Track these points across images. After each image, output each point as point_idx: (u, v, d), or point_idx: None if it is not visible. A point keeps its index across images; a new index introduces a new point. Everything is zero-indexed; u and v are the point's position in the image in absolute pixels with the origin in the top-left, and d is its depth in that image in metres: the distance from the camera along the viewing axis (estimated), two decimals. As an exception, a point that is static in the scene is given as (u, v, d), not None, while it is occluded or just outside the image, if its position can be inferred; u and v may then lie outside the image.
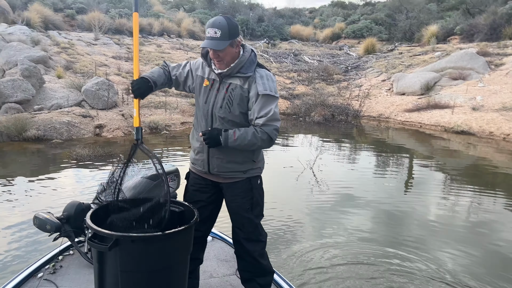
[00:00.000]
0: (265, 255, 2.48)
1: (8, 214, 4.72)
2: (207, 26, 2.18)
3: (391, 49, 18.64)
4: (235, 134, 2.18)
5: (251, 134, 2.18)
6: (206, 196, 2.44)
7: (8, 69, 10.18)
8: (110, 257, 1.95)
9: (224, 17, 2.18)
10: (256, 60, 2.31)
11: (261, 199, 2.45)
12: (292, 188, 5.97)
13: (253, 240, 2.41)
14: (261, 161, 2.46)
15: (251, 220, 2.38)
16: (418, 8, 21.58)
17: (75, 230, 2.63)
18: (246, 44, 2.32)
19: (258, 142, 2.20)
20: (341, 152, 8.34)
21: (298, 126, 10.83)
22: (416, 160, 7.98)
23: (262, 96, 2.20)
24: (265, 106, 2.21)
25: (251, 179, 2.38)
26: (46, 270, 2.68)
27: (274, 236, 4.34)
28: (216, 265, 2.92)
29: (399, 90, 12.78)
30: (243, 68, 2.24)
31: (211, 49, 2.19)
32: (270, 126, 2.21)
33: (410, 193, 5.91)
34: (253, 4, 27.66)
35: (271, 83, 2.25)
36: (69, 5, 18.87)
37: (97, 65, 12.08)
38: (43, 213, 2.61)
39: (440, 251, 4.08)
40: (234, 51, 2.22)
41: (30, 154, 7.34)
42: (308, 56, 18.56)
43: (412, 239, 4.35)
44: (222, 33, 2.13)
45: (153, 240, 1.98)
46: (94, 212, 2.14)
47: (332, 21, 26.00)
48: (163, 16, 20.39)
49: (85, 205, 2.69)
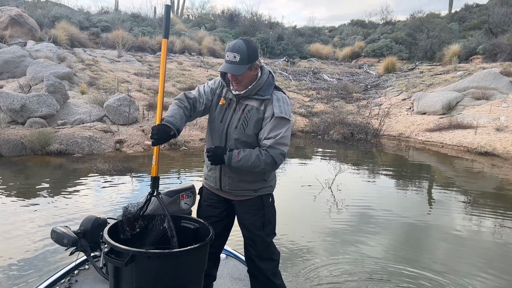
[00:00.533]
0: (278, 274, 2.47)
1: (28, 226, 4.78)
2: (226, 50, 2.20)
3: (411, 68, 18.49)
4: (239, 155, 2.17)
5: (255, 156, 2.17)
6: (218, 212, 2.46)
7: (35, 85, 10.49)
8: (126, 273, 1.96)
9: (244, 40, 2.20)
10: (273, 82, 2.32)
11: (273, 217, 2.44)
12: (310, 207, 5.89)
13: (265, 259, 2.41)
14: (272, 180, 2.46)
15: (263, 238, 2.39)
16: (440, 27, 21.43)
17: (91, 244, 2.64)
18: (264, 65, 2.37)
19: (262, 165, 2.18)
20: (360, 171, 8.22)
21: (317, 144, 10.76)
22: (437, 180, 7.80)
23: (276, 118, 2.20)
24: (276, 128, 2.21)
25: (263, 197, 2.39)
26: (62, 284, 2.69)
27: (287, 255, 4.26)
28: (230, 284, 2.90)
29: (420, 109, 12.61)
30: (261, 90, 2.26)
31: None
32: (277, 149, 2.19)
33: (430, 215, 5.75)
34: (273, 23, 27.99)
35: (286, 107, 2.26)
36: (95, 24, 19.44)
37: (119, 82, 12.35)
38: (61, 227, 2.61)
39: (463, 273, 3.93)
40: (253, 74, 2.24)
41: (52, 167, 7.48)
42: (327, 74, 18.57)
43: (434, 260, 4.21)
44: (241, 57, 2.14)
45: (169, 257, 1.99)
46: (112, 227, 2.15)
47: (351, 40, 26.03)
48: (185, 34, 20.80)
49: (101, 220, 2.69)
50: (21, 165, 7.47)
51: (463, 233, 5.06)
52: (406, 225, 5.29)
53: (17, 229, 4.70)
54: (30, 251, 4.18)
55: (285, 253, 4.33)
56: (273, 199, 2.46)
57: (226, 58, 2.18)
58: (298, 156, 9.53)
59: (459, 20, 24.65)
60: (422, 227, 5.24)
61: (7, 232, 4.62)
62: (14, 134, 8.18)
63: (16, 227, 4.76)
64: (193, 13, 32.28)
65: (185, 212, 2.59)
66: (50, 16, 17.82)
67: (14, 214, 5.12)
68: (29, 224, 4.84)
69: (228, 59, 2.17)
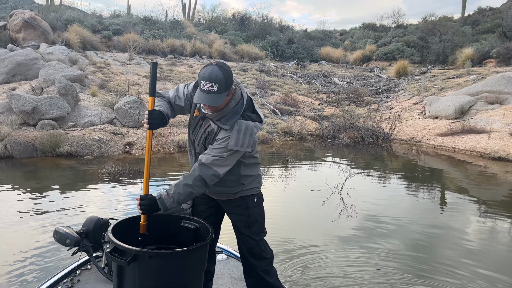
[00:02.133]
0: (272, 272, 2.51)
1: (36, 226, 4.80)
2: (201, 78, 2.07)
3: (423, 72, 18.29)
4: (169, 196, 2.18)
5: (183, 186, 2.17)
6: (205, 207, 2.53)
7: (47, 87, 10.60)
8: (129, 272, 2.03)
9: (219, 67, 2.08)
10: (241, 110, 2.19)
11: (259, 216, 2.47)
12: (319, 212, 5.82)
13: (256, 256, 2.46)
14: (253, 182, 2.44)
15: (250, 237, 2.43)
16: (452, 31, 21.17)
17: (93, 245, 2.67)
18: (239, 86, 2.24)
19: (194, 190, 2.18)
20: (370, 176, 8.12)
21: (327, 148, 10.68)
22: (449, 186, 7.66)
23: (227, 148, 2.14)
24: (221, 150, 2.15)
25: (246, 198, 2.41)
26: (64, 284, 2.72)
27: (295, 259, 4.20)
28: (231, 284, 2.92)
29: (432, 114, 12.44)
30: (223, 118, 2.17)
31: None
32: (210, 169, 2.15)
33: (442, 222, 5.63)
34: (284, 26, 27.96)
35: (246, 138, 2.15)
36: (107, 27, 19.61)
37: (130, 84, 12.41)
38: (63, 227, 2.65)
39: (473, 279, 3.83)
40: (227, 99, 2.15)
41: (62, 169, 7.53)
42: (338, 78, 18.46)
43: (444, 267, 4.11)
44: (219, 86, 2.04)
45: (170, 257, 2.05)
46: (115, 226, 2.21)
47: (362, 43, 25.88)
48: (195, 37, 20.88)
49: (103, 220, 2.73)
50: (31, 167, 7.52)
51: (475, 241, 4.95)
52: (416, 231, 5.18)
53: (24, 229, 4.72)
54: (36, 251, 4.20)
55: (292, 258, 4.27)
56: (260, 198, 2.49)
57: (202, 87, 2.06)
58: (307, 160, 9.46)
59: (472, 24, 24.33)
60: (433, 234, 5.13)
61: (13, 232, 4.64)
62: (26, 136, 8.25)
63: (23, 227, 4.78)
64: (204, 17, 32.47)
65: (185, 211, 2.62)
66: (63, 19, 18.03)
67: (22, 214, 5.14)
68: (36, 224, 4.85)
69: (205, 89, 2.05)
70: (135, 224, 2.35)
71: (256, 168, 2.47)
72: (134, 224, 2.35)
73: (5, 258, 4.07)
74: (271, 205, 6.05)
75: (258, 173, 2.49)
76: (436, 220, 5.67)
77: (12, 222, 4.95)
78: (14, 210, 5.33)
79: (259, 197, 2.49)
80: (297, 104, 13.84)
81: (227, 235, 2.65)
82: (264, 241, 2.50)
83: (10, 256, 4.12)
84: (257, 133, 2.25)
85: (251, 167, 2.41)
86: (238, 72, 16.69)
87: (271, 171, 8.28)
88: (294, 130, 11.49)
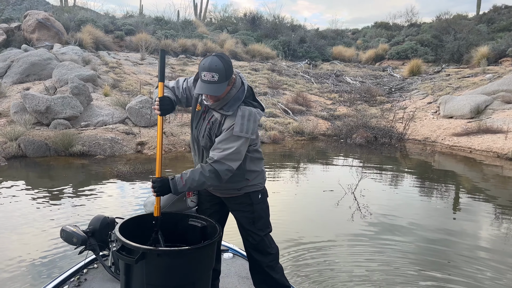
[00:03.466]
0: (277, 268, 2.50)
1: (46, 225, 4.81)
2: (202, 69, 2.11)
3: (437, 71, 18.02)
4: (183, 179, 2.19)
5: (198, 174, 2.18)
6: (210, 205, 2.53)
7: (60, 87, 10.69)
8: (136, 270, 2.03)
9: (219, 57, 2.11)
10: (242, 96, 2.24)
11: (264, 212, 2.47)
12: (332, 213, 5.73)
13: (260, 252, 2.46)
14: (256, 179, 2.44)
15: (255, 233, 2.43)
16: (467, 29, 20.82)
17: (99, 243, 2.68)
18: (239, 75, 2.28)
19: (208, 181, 2.19)
20: (384, 176, 8.00)
21: (339, 148, 10.56)
22: (464, 187, 7.50)
23: (233, 135, 2.16)
24: (229, 142, 2.16)
25: (250, 194, 2.41)
26: (71, 283, 2.73)
27: (306, 260, 4.13)
28: (237, 282, 2.92)
29: (447, 113, 12.22)
30: (226, 106, 2.21)
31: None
32: (224, 165, 2.16)
33: (456, 224, 5.49)
34: (295, 26, 27.81)
35: (250, 124, 2.18)
36: (119, 27, 19.74)
37: (141, 84, 12.45)
38: (70, 226, 2.66)
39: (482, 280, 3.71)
40: (229, 88, 2.20)
41: (74, 168, 7.56)
42: (350, 77, 18.29)
43: (459, 273, 4.00)
44: (220, 76, 2.08)
45: (178, 255, 2.05)
46: (123, 224, 2.22)
47: (375, 42, 25.61)
48: (207, 37, 20.89)
49: (109, 219, 2.74)
50: (44, 166, 7.57)
51: (489, 244, 4.81)
52: (430, 234, 5.06)
53: (36, 227, 4.73)
54: (44, 249, 4.21)
55: (304, 258, 4.20)
56: (264, 194, 2.48)
57: (203, 78, 2.10)
58: (319, 160, 9.36)
59: (488, 22, 23.89)
60: (447, 237, 5.00)
61: (25, 230, 4.65)
62: (39, 135, 8.31)
63: (35, 225, 4.79)
64: (215, 16, 32.47)
65: (191, 209, 2.61)
66: (76, 20, 18.20)
67: (33, 213, 5.16)
68: (47, 223, 4.86)
69: (206, 79, 2.09)
70: (142, 222, 2.35)
71: (260, 163, 2.47)
72: (141, 223, 2.35)
73: (16, 255, 4.08)
74: (283, 205, 5.99)
75: (262, 169, 2.49)
76: (450, 221, 5.54)
77: (24, 220, 4.97)
78: (26, 209, 5.35)
79: (263, 193, 2.49)
80: (309, 104, 13.74)
81: (233, 234, 2.61)
82: (269, 236, 2.50)
83: (21, 253, 4.13)
84: (260, 119, 2.27)
85: (255, 162, 2.41)
86: (249, 72, 16.65)
87: (283, 171, 8.21)
88: (306, 130, 11.39)
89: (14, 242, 4.46)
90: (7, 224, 4.87)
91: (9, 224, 4.87)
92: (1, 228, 4.75)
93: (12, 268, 3.87)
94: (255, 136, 2.38)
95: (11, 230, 4.71)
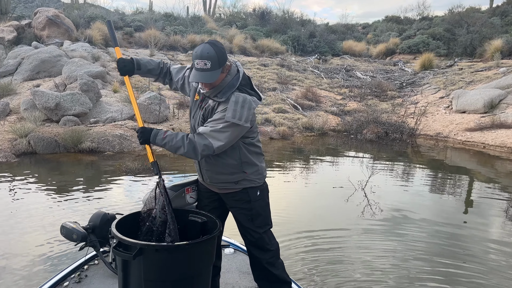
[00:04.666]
0: (277, 264, 2.48)
1: (53, 221, 4.81)
2: (194, 57, 2.13)
3: (450, 65, 17.70)
4: (165, 134, 2.19)
5: (180, 138, 2.16)
6: (208, 201, 2.51)
7: (70, 84, 10.72)
8: (134, 266, 2.01)
9: (211, 44, 2.14)
10: (236, 83, 2.22)
11: (262, 210, 2.42)
12: (341, 210, 5.64)
13: (259, 248, 2.44)
14: (255, 173, 2.39)
15: (253, 230, 2.40)
16: (480, 22, 20.41)
17: (100, 240, 2.68)
18: (233, 62, 2.29)
19: (184, 149, 2.16)
20: (395, 172, 7.87)
21: (349, 144, 10.43)
22: (478, 183, 7.34)
23: (225, 121, 2.13)
24: (218, 121, 2.15)
25: (248, 190, 2.36)
26: (72, 279, 2.73)
27: (315, 258, 4.06)
28: (238, 278, 2.91)
29: (459, 108, 12.00)
30: (220, 93, 2.21)
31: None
32: (204, 139, 2.15)
33: (469, 222, 5.37)
34: (305, 20, 27.56)
35: (244, 111, 2.15)
36: (128, 23, 19.75)
37: (150, 80, 12.43)
38: (70, 223, 2.66)
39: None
40: (223, 75, 2.20)
41: (84, 165, 7.58)
42: (361, 71, 18.08)
43: (472, 272, 3.89)
44: (212, 63, 2.09)
45: (176, 250, 2.03)
46: (119, 221, 2.20)
47: (386, 36, 25.27)
48: (216, 32, 20.81)
49: (110, 215, 2.73)
50: (54, 163, 7.60)
51: (503, 242, 4.69)
52: (442, 232, 4.94)
53: (44, 222, 4.74)
54: (47, 245, 4.21)
55: (312, 256, 4.13)
56: (263, 191, 2.44)
57: (196, 66, 2.12)
58: (329, 156, 9.25)
59: (501, 15, 23.38)
60: (460, 235, 4.89)
61: (33, 226, 4.66)
62: (49, 132, 8.35)
63: (43, 221, 4.79)
64: (224, 12, 32.33)
65: (191, 206, 2.59)
66: (86, 17, 18.25)
67: (42, 209, 5.17)
68: (55, 220, 4.86)
69: (199, 67, 2.11)
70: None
71: (259, 157, 2.43)
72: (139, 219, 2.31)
73: (23, 251, 4.09)
74: (291, 200, 5.92)
75: (261, 164, 2.45)
76: (463, 220, 5.41)
77: (32, 216, 4.98)
78: (35, 205, 5.37)
79: (263, 189, 2.44)
80: (319, 99, 13.60)
81: (235, 229, 2.59)
82: (269, 233, 2.47)
83: (28, 249, 4.14)
84: (255, 108, 2.24)
85: (253, 155, 2.37)
86: (258, 67, 16.55)
87: (292, 167, 8.14)
88: (316, 125, 11.28)
89: (23, 237, 4.46)
90: (15, 220, 4.88)
91: (17, 220, 4.88)
92: (9, 224, 4.77)
93: (18, 264, 3.87)
94: (254, 130, 2.36)
95: (20, 227, 4.72)
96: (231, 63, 2.24)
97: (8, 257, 4.02)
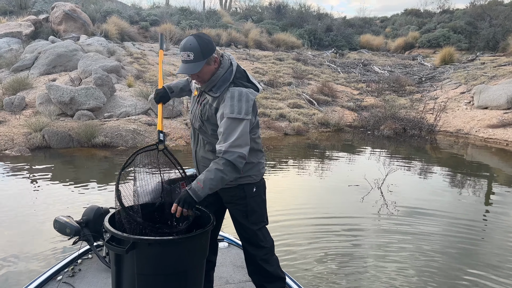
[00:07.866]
0: (271, 261, 2.46)
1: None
2: (180, 50, 2.20)
3: (471, 59, 17.19)
4: (200, 183, 2.11)
5: (214, 171, 2.11)
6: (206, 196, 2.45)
7: (85, 78, 10.75)
8: (127, 260, 2.01)
9: (195, 36, 2.16)
10: (230, 77, 2.22)
11: (258, 206, 2.40)
12: (356, 209, 5.47)
13: (253, 245, 2.42)
14: (252, 170, 2.36)
15: (248, 226, 2.39)
16: (504, 15, 19.77)
17: (94, 234, 2.68)
18: (226, 55, 2.29)
19: (226, 175, 2.11)
20: (413, 170, 7.63)
21: (366, 140, 10.20)
22: (499, 183, 7.05)
23: (227, 119, 2.12)
24: (228, 130, 2.12)
25: (244, 187, 2.35)
26: (65, 273, 2.73)
27: (330, 257, 3.91)
28: (232, 271, 2.92)
29: (481, 104, 11.61)
30: (214, 87, 2.22)
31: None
32: (233, 153, 2.11)
33: (490, 222, 5.13)
34: (322, 14, 27.16)
35: (242, 104, 2.14)
36: (144, 18, 19.77)
37: (165, 75, 12.39)
38: (63, 217, 2.66)
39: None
40: (213, 68, 2.21)
41: (97, 160, 7.57)
42: (378, 66, 17.71)
43: (489, 270, 3.69)
44: (195, 54, 2.13)
45: (169, 244, 2.03)
46: (112, 215, 2.20)
47: (405, 30, 24.73)
48: (231, 27, 20.66)
49: (103, 209, 2.73)
50: (68, 157, 7.61)
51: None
52: (462, 233, 4.73)
53: (42, 219, 4.70)
54: (48, 241, 4.17)
55: (326, 255, 3.99)
56: (260, 187, 2.42)
57: (182, 58, 2.18)
58: (344, 153, 9.05)
59: (526, 7, 22.63)
60: (481, 236, 4.67)
61: (44, 219, 4.63)
62: (63, 127, 8.37)
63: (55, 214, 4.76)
64: (240, 6, 32.14)
65: None
66: (102, 11, 18.33)
67: (54, 203, 5.15)
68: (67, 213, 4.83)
69: (183, 59, 2.16)
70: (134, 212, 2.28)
71: (257, 154, 2.40)
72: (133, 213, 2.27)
73: (30, 246, 4.06)
74: (305, 199, 5.77)
75: (259, 161, 2.42)
76: (483, 220, 5.18)
77: (44, 210, 4.96)
78: (48, 198, 5.36)
79: (259, 186, 2.41)
80: (335, 94, 13.35)
81: (229, 223, 2.56)
82: (264, 230, 2.45)
83: (36, 244, 4.10)
84: (254, 100, 2.21)
85: (251, 152, 2.30)
86: (274, 62, 16.36)
87: (306, 164, 7.97)
88: (331, 121, 11.05)
89: (34, 231, 4.44)
90: (27, 213, 4.87)
91: (28, 213, 4.87)
92: (22, 218, 4.75)
93: (28, 258, 3.84)
94: (255, 123, 2.33)
95: (32, 221, 4.71)
96: (220, 55, 2.24)
97: (18, 250, 3.99)
